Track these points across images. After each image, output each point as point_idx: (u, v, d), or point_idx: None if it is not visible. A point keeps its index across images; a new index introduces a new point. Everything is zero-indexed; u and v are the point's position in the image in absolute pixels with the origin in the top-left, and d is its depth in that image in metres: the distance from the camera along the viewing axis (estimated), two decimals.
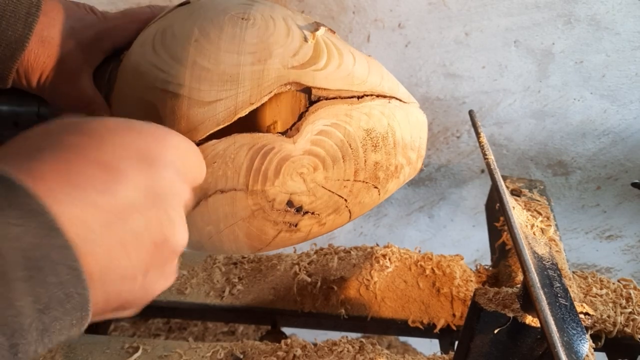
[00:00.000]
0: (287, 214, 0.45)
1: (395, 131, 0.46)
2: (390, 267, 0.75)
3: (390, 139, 0.46)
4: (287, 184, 0.43)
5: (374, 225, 1.26)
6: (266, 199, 0.43)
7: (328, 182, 0.45)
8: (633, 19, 0.90)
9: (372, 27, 0.89)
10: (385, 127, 0.45)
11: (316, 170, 0.44)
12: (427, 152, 0.81)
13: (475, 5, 0.87)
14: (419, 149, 0.50)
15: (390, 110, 0.46)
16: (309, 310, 0.75)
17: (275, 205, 0.44)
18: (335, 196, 0.46)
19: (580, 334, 0.42)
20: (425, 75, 0.96)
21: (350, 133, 0.44)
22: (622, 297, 0.72)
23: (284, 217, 0.45)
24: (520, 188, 0.80)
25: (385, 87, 0.46)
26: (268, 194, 0.43)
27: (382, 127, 0.45)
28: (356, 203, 0.48)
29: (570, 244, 1.29)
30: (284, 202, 0.44)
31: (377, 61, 0.48)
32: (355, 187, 0.46)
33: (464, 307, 0.73)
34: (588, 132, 1.06)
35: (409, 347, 1.34)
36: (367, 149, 0.45)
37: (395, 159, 0.47)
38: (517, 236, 0.46)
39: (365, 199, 0.48)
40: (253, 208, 0.43)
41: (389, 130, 0.46)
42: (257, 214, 0.44)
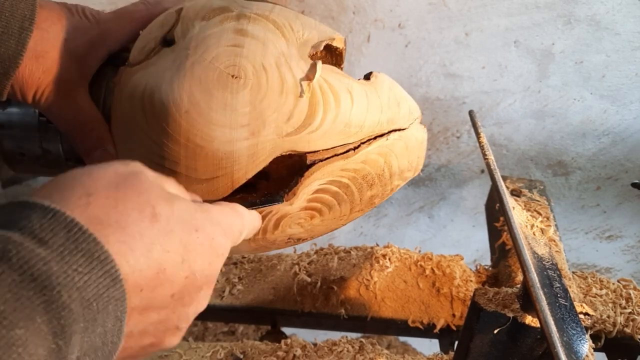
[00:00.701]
0: (287, 244, 0.47)
1: (392, 165, 0.46)
2: (390, 267, 0.75)
3: (386, 174, 0.46)
4: (286, 232, 0.45)
5: (374, 225, 1.26)
6: (266, 242, 0.45)
7: (324, 222, 0.46)
8: (633, 19, 0.90)
9: (372, 27, 0.89)
10: (381, 166, 0.45)
11: (313, 218, 0.45)
12: (427, 152, 0.80)
13: (475, 5, 0.87)
14: (416, 167, 0.49)
15: (388, 147, 0.45)
16: (309, 310, 0.75)
17: (276, 243, 0.46)
18: (331, 228, 0.48)
19: (580, 334, 0.42)
20: (425, 75, 0.96)
21: (346, 184, 0.44)
22: (622, 297, 0.72)
23: (284, 245, 0.47)
24: (520, 188, 0.80)
25: (383, 122, 0.45)
26: (268, 239, 0.45)
27: (379, 167, 0.45)
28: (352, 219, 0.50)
29: (570, 244, 1.29)
30: (284, 240, 0.46)
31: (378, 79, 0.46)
32: (351, 217, 0.48)
33: (463, 307, 0.73)
34: (588, 132, 1.06)
35: (409, 347, 1.34)
36: (362, 190, 0.45)
37: (392, 185, 0.48)
38: (517, 236, 0.46)
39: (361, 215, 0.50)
40: (254, 246, 0.46)
41: (385, 167, 0.46)
42: (259, 249, 0.47)
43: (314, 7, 0.86)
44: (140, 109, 0.41)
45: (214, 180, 0.40)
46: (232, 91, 0.39)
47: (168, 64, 0.41)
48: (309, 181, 0.42)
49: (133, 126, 0.41)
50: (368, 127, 0.44)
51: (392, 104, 0.46)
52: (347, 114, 0.42)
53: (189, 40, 0.41)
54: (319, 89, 0.41)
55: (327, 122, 0.41)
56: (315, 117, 0.41)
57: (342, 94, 0.42)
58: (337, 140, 0.42)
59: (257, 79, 0.40)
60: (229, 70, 0.40)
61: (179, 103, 0.39)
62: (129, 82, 0.43)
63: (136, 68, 0.43)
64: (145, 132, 0.40)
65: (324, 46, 0.44)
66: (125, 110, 0.42)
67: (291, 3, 0.85)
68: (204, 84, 0.39)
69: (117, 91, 0.44)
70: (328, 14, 0.87)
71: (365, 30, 0.90)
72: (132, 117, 0.42)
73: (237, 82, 0.39)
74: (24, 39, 0.40)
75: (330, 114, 0.42)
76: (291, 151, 0.41)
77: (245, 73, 0.40)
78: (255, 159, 0.40)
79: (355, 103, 0.43)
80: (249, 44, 0.41)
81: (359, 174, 0.44)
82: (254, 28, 0.42)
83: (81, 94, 0.44)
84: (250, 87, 0.39)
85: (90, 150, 0.44)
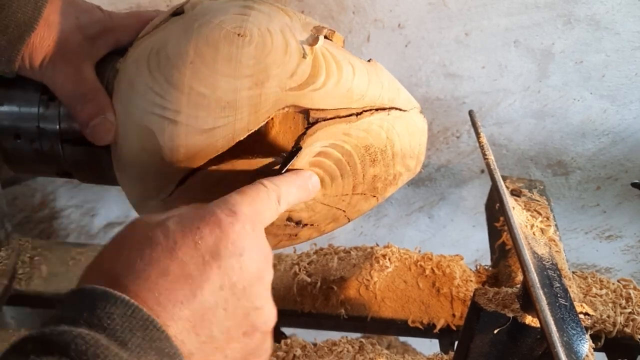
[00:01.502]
0: (287, 227, 0.46)
1: (394, 143, 0.46)
2: (390, 267, 0.75)
3: (389, 152, 0.46)
4: None
5: (374, 225, 1.26)
6: None
7: (326, 198, 0.45)
8: (633, 19, 0.90)
9: (372, 27, 0.89)
10: (384, 141, 0.45)
11: None
12: (427, 152, 0.80)
13: (475, 5, 0.87)
14: (418, 155, 0.49)
15: (390, 122, 0.45)
16: (309, 310, 0.75)
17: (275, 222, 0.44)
18: (334, 209, 0.46)
19: (580, 334, 0.42)
20: (425, 75, 0.96)
21: (349, 151, 0.44)
22: (622, 297, 0.72)
23: (284, 230, 0.46)
24: (520, 188, 0.80)
25: (385, 98, 0.45)
26: None
27: (381, 141, 0.45)
28: (354, 212, 0.48)
29: (570, 244, 1.29)
30: (283, 218, 0.45)
31: (377, 65, 0.47)
32: (353, 199, 0.47)
33: (463, 307, 0.73)
34: (588, 132, 1.06)
35: (409, 347, 1.34)
36: (365, 164, 0.45)
37: (394, 169, 0.47)
38: (517, 236, 0.46)
39: (364, 207, 0.48)
40: None
41: (387, 144, 0.45)
42: None
43: (314, 7, 0.86)
44: (145, 67, 0.42)
45: (214, 130, 0.40)
46: (237, 46, 0.41)
47: (175, 28, 0.43)
48: (311, 140, 0.42)
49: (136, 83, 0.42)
50: (370, 98, 0.44)
51: (392, 88, 0.46)
52: (349, 81, 0.43)
53: (198, 10, 0.44)
54: (322, 56, 0.43)
55: (329, 84, 0.42)
56: (318, 77, 0.42)
57: (344, 64, 0.44)
58: (340, 102, 0.43)
59: (262, 39, 0.41)
60: (235, 30, 0.41)
61: (185, 55, 0.40)
62: (136, 49, 0.44)
63: (143, 38, 0.45)
64: (148, 85, 0.41)
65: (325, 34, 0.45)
66: (130, 71, 0.43)
67: (291, 3, 0.85)
68: (210, 40, 0.41)
69: (123, 61, 0.45)
70: (328, 14, 0.87)
71: (365, 30, 0.90)
72: (136, 75, 0.42)
73: (242, 39, 0.41)
74: (40, 6, 0.43)
75: (333, 77, 0.42)
76: (294, 105, 0.41)
77: (251, 33, 0.41)
78: (258, 110, 0.40)
79: (356, 74, 0.44)
80: (255, 14, 0.43)
81: (362, 142, 0.44)
82: (260, 6, 0.44)
83: (87, 67, 0.45)
84: (255, 44, 0.41)
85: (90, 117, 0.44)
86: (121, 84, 0.44)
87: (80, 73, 0.45)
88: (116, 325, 0.26)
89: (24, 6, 0.43)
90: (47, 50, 0.44)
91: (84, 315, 0.27)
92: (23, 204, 1.05)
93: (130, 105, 0.43)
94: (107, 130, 0.44)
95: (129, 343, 0.26)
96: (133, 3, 0.83)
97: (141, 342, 0.26)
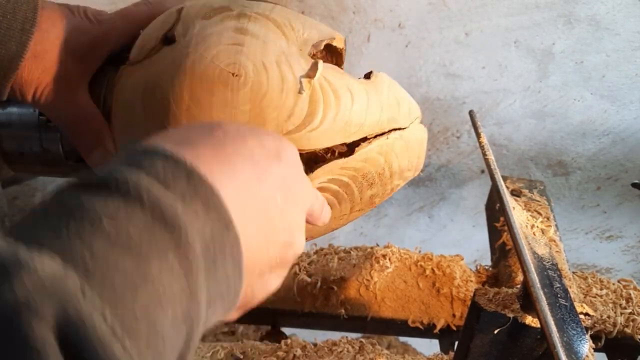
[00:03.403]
0: None
1: (392, 164, 0.46)
2: (390, 267, 0.75)
3: (386, 173, 0.46)
4: None
5: (374, 225, 1.26)
6: None
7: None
8: (633, 19, 0.90)
9: (372, 27, 0.89)
10: (382, 165, 0.45)
11: None
12: (427, 152, 0.80)
13: (475, 5, 0.87)
14: (416, 166, 0.49)
15: (389, 145, 0.45)
16: (309, 310, 0.75)
17: None
18: (331, 228, 0.47)
19: (580, 335, 0.42)
20: (425, 75, 0.96)
21: (347, 183, 0.44)
22: (622, 297, 0.72)
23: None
24: (520, 188, 0.80)
25: (384, 121, 0.44)
26: None
27: (379, 166, 0.45)
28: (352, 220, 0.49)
29: (570, 244, 1.29)
30: None
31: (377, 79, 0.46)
32: (351, 217, 0.48)
33: (464, 307, 0.73)
34: (588, 132, 1.06)
35: (409, 347, 1.34)
36: (362, 189, 0.45)
37: (392, 185, 0.47)
38: (517, 236, 0.46)
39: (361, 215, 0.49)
40: None
41: (385, 167, 0.45)
42: None
43: (314, 7, 0.86)
44: (140, 106, 0.41)
45: None
46: (232, 89, 0.39)
47: (168, 63, 0.41)
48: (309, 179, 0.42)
49: (132, 123, 0.41)
50: (368, 126, 0.44)
51: (392, 103, 0.46)
52: (348, 112, 0.42)
53: (190, 39, 0.41)
54: (319, 88, 0.41)
55: (327, 120, 0.41)
56: (315, 115, 0.41)
57: (343, 92, 0.42)
58: (338, 138, 0.42)
59: (257, 78, 0.40)
60: (230, 69, 0.40)
61: (180, 100, 0.39)
62: (129, 80, 0.43)
63: (137, 67, 0.43)
64: (144, 128, 0.40)
65: (324, 45, 0.44)
66: (125, 108, 0.42)
67: (291, 3, 0.85)
68: (204, 81, 0.39)
69: (117, 90, 0.44)
70: (328, 14, 0.87)
71: (365, 30, 0.90)
72: (131, 114, 0.42)
73: (237, 80, 0.39)
74: (25, 41, 0.40)
75: (331, 112, 0.41)
76: None
77: (246, 71, 0.40)
78: None
79: (355, 101, 0.43)
80: (249, 42, 0.41)
81: (359, 172, 0.44)
82: (254, 27, 0.42)
83: (81, 93, 0.44)
84: (251, 85, 0.40)
85: (89, 149, 0.44)
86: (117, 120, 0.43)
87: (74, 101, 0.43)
88: (158, 170, 0.25)
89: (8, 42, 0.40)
90: (38, 83, 0.42)
91: (122, 161, 0.25)
92: (23, 203, 1.05)
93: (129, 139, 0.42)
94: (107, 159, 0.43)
95: (172, 185, 0.25)
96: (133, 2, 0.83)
97: (186, 187, 0.25)
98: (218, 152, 0.28)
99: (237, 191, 0.28)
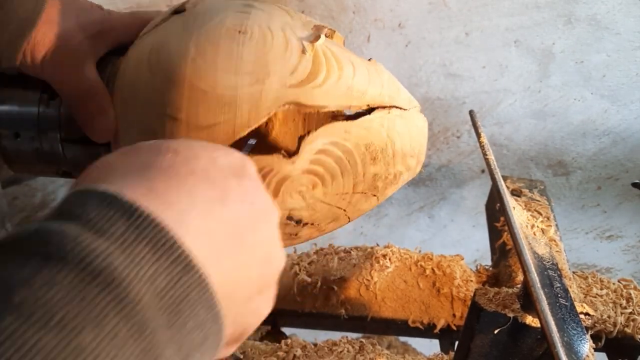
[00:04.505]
0: (287, 226, 0.45)
1: (394, 142, 0.46)
2: (391, 267, 0.75)
3: (389, 150, 0.46)
4: (287, 202, 0.43)
5: (374, 225, 1.25)
6: None
7: (327, 196, 0.45)
8: (633, 19, 0.90)
9: (372, 27, 0.89)
10: (384, 139, 0.45)
11: (315, 187, 0.44)
12: (427, 152, 0.81)
13: (475, 5, 0.87)
14: (419, 154, 0.49)
15: (390, 120, 0.46)
16: (309, 310, 0.75)
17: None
18: (334, 208, 0.46)
19: (581, 334, 0.42)
20: (426, 75, 0.96)
21: (349, 149, 0.44)
22: (623, 297, 0.72)
23: (284, 229, 0.45)
24: (521, 188, 0.80)
25: (385, 96, 0.45)
26: None
27: (381, 139, 0.45)
28: (355, 211, 0.48)
29: (571, 244, 1.29)
30: (283, 217, 0.44)
31: (377, 65, 0.47)
32: (354, 199, 0.47)
33: (464, 307, 0.73)
34: (588, 132, 1.06)
35: (409, 347, 1.34)
36: (365, 162, 0.45)
37: (394, 168, 0.47)
38: (517, 236, 0.46)
39: (364, 206, 0.48)
40: None
41: (388, 142, 0.45)
42: None
43: (314, 7, 0.86)
44: (146, 65, 0.42)
45: (215, 127, 0.40)
46: (238, 43, 0.41)
47: (177, 26, 0.43)
48: (312, 137, 0.42)
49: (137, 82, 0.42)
50: (370, 96, 0.44)
51: (392, 87, 0.47)
52: (350, 79, 0.43)
53: (199, 8, 0.44)
54: (322, 54, 0.43)
55: (330, 81, 0.42)
56: (318, 75, 0.42)
57: (345, 63, 0.44)
58: (341, 100, 0.43)
59: (262, 36, 0.41)
60: (237, 27, 0.41)
61: (186, 53, 0.40)
62: (136, 47, 0.45)
63: (144, 37, 0.45)
64: (149, 84, 0.41)
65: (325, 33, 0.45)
66: (131, 70, 0.43)
67: (291, 3, 0.85)
68: (211, 37, 0.41)
69: (124, 60, 0.45)
70: (328, 14, 0.87)
71: (365, 30, 0.90)
72: (136, 74, 0.43)
73: (243, 36, 0.41)
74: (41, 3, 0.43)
75: (334, 75, 0.43)
76: (295, 102, 0.41)
77: (252, 30, 0.41)
78: (259, 106, 0.40)
79: (357, 73, 0.44)
80: (255, 12, 0.43)
81: (362, 140, 0.44)
82: (261, 5, 0.45)
83: (88, 65, 0.45)
84: (256, 41, 0.41)
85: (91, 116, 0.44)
86: (122, 82, 0.44)
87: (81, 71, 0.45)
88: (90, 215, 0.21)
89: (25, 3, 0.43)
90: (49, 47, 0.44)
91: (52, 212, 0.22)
92: (23, 204, 1.05)
93: (131, 104, 0.43)
94: (108, 129, 0.44)
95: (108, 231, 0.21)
96: (133, 2, 0.83)
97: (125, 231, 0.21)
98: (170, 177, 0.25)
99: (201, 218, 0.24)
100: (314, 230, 0.47)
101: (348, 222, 0.49)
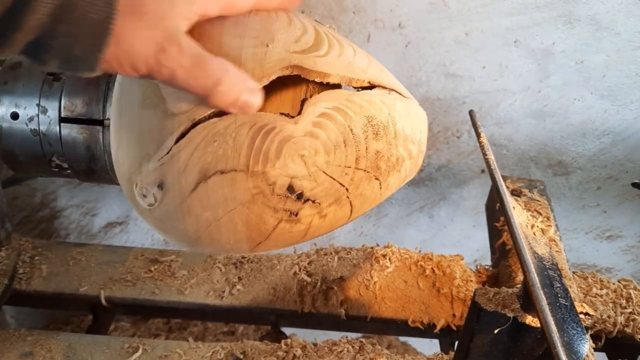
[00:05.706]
0: (287, 200, 0.44)
1: (396, 122, 0.47)
2: (390, 267, 0.75)
3: (391, 129, 0.46)
4: (288, 166, 0.43)
5: (374, 225, 1.26)
6: (267, 181, 0.43)
7: (329, 167, 0.44)
8: (633, 19, 0.90)
9: (372, 27, 0.89)
10: (386, 116, 0.46)
11: (317, 153, 0.43)
12: (427, 152, 0.81)
13: (475, 5, 0.87)
14: (420, 143, 0.50)
15: (391, 100, 0.47)
16: (309, 310, 0.75)
17: (275, 190, 0.43)
18: (337, 184, 0.45)
19: (581, 334, 0.42)
20: (426, 75, 0.96)
21: (352, 117, 0.44)
22: (622, 297, 0.72)
23: (284, 203, 0.44)
24: (521, 188, 0.80)
25: (385, 79, 0.47)
26: (269, 176, 0.43)
27: (383, 115, 0.46)
28: (357, 194, 0.47)
29: (571, 244, 1.29)
30: (284, 186, 0.43)
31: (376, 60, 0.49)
32: (356, 176, 0.46)
33: (464, 307, 0.73)
34: (588, 132, 1.06)
35: (409, 347, 1.34)
36: (368, 135, 0.45)
37: (397, 150, 0.47)
38: (517, 236, 0.46)
39: (367, 191, 0.47)
40: (253, 192, 0.43)
41: (389, 120, 0.46)
42: (257, 198, 0.43)
43: (314, 7, 0.86)
44: None
45: None
46: (245, 15, 0.43)
47: None
48: (315, 99, 0.43)
49: None
50: (371, 75, 0.46)
51: (391, 76, 0.49)
52: (351, 57, 0.46)
53: None
54: (325, 34, 0.45)
55: (332, 54, 0.44)
56: (321, 47, 0.44)
57: (346, 45, 0.46)
58: (343, 71, 0.45)
59: (267, 13, 0.44)
60: None
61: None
62: None
63: None
64: None
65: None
66: None
67: None
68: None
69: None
70: (328, 14, 0.87)
71: (365, 30, 0.90)
72: None
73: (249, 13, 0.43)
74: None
75: (335, 51, 0.45)
76: (298, 66, 0.42)
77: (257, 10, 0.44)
78: (262, 65, 0.41)
79: (357, 54, 0.46)
80: None
81: (365, 112, 0.45)
82: None
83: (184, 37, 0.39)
84: (262, 15, 0.44)
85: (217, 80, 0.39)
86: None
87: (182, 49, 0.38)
88: None
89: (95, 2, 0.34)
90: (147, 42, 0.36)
91: None
92: (23, 203, 1.05)
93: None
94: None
95: None
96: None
97: None
98: None
99: None
100: (315, 212, 0.46)
101: (349, 211, 0.48)
